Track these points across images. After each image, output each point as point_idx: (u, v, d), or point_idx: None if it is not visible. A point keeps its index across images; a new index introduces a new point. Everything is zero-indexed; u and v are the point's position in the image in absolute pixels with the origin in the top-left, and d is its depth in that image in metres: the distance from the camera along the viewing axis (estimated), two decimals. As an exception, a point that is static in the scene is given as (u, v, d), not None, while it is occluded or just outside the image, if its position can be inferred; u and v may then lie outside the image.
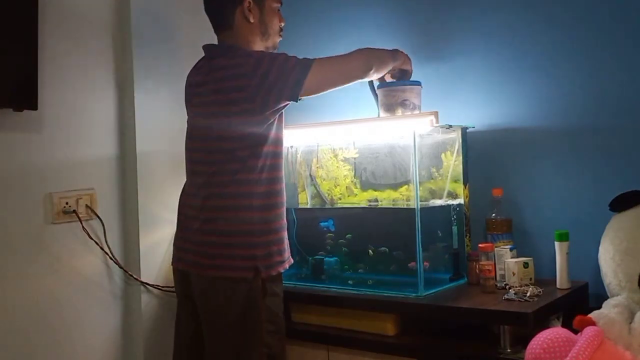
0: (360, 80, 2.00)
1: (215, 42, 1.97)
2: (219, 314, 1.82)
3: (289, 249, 1.93)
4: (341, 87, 1.94)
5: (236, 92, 1.79)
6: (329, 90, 1.91)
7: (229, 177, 1.82)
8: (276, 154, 1.87)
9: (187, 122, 1.99)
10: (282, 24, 1.99)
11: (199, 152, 1.92)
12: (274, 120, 1.84)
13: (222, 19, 1.91)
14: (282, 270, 1.87)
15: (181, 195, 2.00)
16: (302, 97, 1.83)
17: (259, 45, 1.94)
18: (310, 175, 2.35)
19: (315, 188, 2.33)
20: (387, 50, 2.07)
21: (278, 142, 1.87)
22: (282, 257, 1.86)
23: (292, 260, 1.95)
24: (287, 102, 1.84)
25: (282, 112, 1.88)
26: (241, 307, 1.78)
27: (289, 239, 1.92)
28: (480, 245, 2.05)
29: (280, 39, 2.00)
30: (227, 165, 1.83)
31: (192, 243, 1.88)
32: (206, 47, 1.94)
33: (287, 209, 1.88)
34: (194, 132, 1.95)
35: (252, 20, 1.90)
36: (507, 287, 1.99)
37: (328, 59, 1.90)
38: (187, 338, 1.95)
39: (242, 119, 1.80)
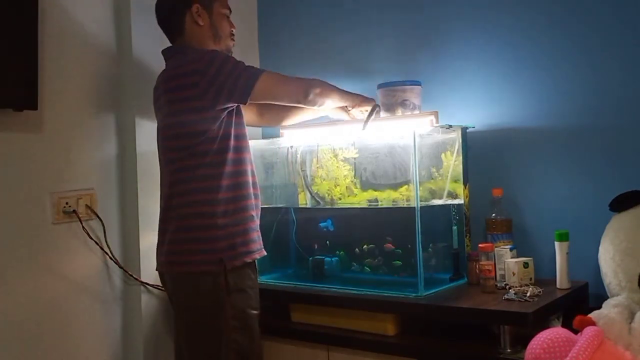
0: (303, 106, 2.06)
1: None
2: (186, 311, 1.88)
3: (260, 242, 1.95)
4: (285, 104, 2.04)
5: (189, 89, 1.84)
6: (273, 102, 2.00)
7: (190, 174, 1.87)
8: (239, 149, 1.90)
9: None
10: (233, 30, 2.04)
11: (161, 152, 1.97)
12: (225, 117, 1.87)
13: (173, 26, 1.97)
14: (249, 261, 1.88)
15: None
16: (250, 102, 1.89)
17: (212, 48, 1.97)
18: (303, 176, 2.35)
19: (307, 188, 2.33)
20: (341, 90, 2.11)
21: (239, 137, 1.91)
22: (247, 247, 1.88)
23: (264, 253, 1.96)
24: (235, 104, 1.89)
25: (239, 108, 1.93)
26: (206, 303, 1.83)
27: (288, 239, 1.93)
28: (480, 245, 2.05)
29: (233, 43, 2.05)
30: (187, 162, 1.87)
31: (164, 244, 1.94)
32: (163, 51, 1.98)
33: (286, 209, 1.88)
34: (158, 133, 2.00)
35: (201, 24, 1.95)
36: (507, 287, 1.99)
37: (276, 74, 1.97)
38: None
39: (195, 115, 1.85)
